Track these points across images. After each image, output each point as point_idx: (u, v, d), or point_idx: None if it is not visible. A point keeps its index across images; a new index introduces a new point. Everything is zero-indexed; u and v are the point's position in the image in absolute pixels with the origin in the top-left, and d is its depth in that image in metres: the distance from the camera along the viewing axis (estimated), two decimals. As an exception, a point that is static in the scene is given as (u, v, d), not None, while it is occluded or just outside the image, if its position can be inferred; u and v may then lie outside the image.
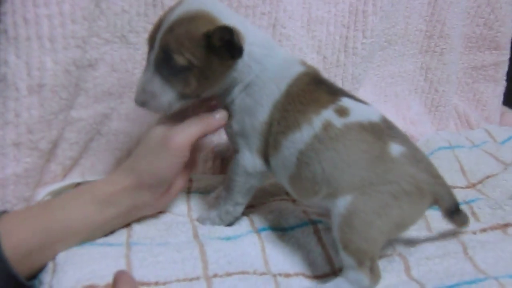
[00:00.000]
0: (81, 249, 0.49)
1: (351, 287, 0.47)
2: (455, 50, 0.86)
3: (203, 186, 0.66)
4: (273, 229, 0.57)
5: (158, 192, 0.53)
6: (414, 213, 0.49)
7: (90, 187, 0.52)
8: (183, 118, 0.53)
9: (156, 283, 0.46)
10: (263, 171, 0.54)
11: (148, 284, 0.46)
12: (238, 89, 0.53)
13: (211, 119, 0.53)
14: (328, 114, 0.50)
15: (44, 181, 0.60)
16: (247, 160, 0.54)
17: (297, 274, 0.51)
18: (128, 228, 0.54)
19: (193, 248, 0.51)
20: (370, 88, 0.83)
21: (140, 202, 0.52)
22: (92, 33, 0.59)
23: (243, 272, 0.49)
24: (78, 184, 0.62)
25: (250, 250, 0.53)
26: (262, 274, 0.50)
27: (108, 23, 0.60)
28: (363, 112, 0.51)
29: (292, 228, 0.57)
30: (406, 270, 0.52)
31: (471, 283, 0.49)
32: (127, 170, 0.52)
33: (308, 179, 0.50)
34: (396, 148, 0.49)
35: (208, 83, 0.50)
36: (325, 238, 0.54)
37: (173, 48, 0.47)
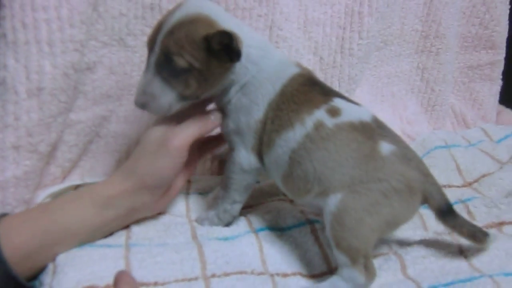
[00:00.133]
0: (81, 250, 0.49)
1: (346, 285, 0.47)
2: (451, 49, 0.86)
3: (201, 187, 0.67)
4: (270, 229, 0.57)
5: (158, 193, 0.54)
6: (405, 211, 0.49)
7: (89, 190, 0.52)
8: (179, 119, 0.54)
9: (155, 284, 0.47)
10: (258, 167, 0.55)
11: (147, 284, 0.47)
12: (234, 89, 0.54)
13: (207, 120, 0.54)
14: (320, 114, 0.51)
15: (44, 183, 0.61)
16: (242, 158, 0.54)
17: (294, 274, 0.52)
18: (127, 229, 0.54)
19: (191, 248, 0.51)
20: (367, 88, 0.83)
21: (139, 203, 0.53)
22: (90, 36, 0.59)
23: (241, 272, 0.49)
24: (78, 186, 0.63)
25: (248, 250, 0.53)
26: (260, 274, 0.50)
27: (106, 26, 0.60)
28: (354, 112, 0.52)
29: (289, 228, 0.57)
30: (402, 269, 0.52)
31: (466, 281, 0.50)
32: (126, 172, 0.53)
33: (300, 177, 0.51)
34: (386, 146, 0.49)
35: (208, 84, 0.51)
36: (322, 238, 0.55)
37: (173, 51, 0.48)
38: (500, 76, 0.93)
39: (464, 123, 0.92)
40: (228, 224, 0.58)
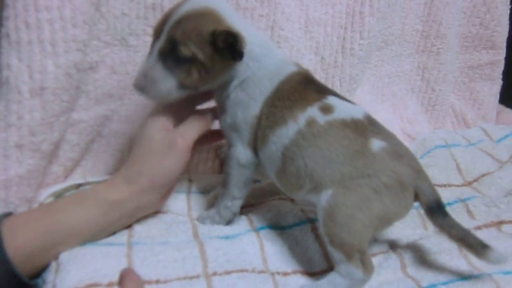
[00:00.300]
0: (83, 249, 0.50)
1: (344, 280, 0.48)
2: (451, 49, 0.86)
3: (203, 186, 0.67)
4: (271, 227, 0.58)
5: (163, 192, 0.55)
6: (396, 207, 0.49)
7: (93, 192, 0.52)
8: (175, 119, 0.55)
9: (157, 282, 0.47)
10: (255, 162, 0.56)
11: (149, 282, 0.47)
12: (234, 84, 0.55)
13: (207, 119, 0.56)
14: (312, 111, 0.52)
15: (46, 182, 0.61)
16: (239, 153, 0.55)
17: (294, 272, 0.52)
18: (129, 228, 0.55)
19: (193, 247, 0.51)
20: (368, 88, 0.83)
21: (145, 203, 0.53)
22: (92, 36, 0.59)
23: (242, 270, 0.50)
24: (80, 185, 0.63)
25: (249, 248, 0.54)
26: (261, 272, 0.50)
27: (108, 26, 0.60)
28: (347, 109, 0.52)
29: (290, 227, 0.58)
30: (402, 267, 0.53)
31: (466, 279, 0.50)
32: (133, 175, 0.53)
33: (293, 173, 0.52)
34: (377, 143, 0.50)
35: (209, 77, 0.52)
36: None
37: (179, 40, 0.49)
38: (500, 76, 0.93)
39: (464, 122, 0.92)
40: (229, 221, 0.58)
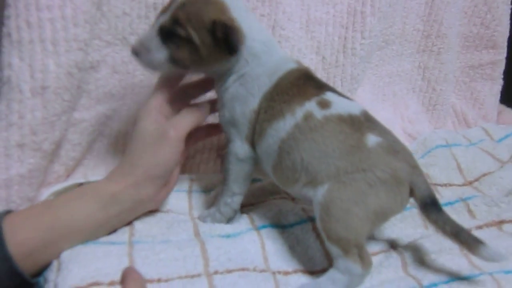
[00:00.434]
0: (85, 247, 0.50)
1: (343, 276, 0.48)
2: (452, 49, 0.86)
3: (204, 185, 0.67)
4: (272, 226, 0.58)
5: (160, 184, 0.55)
6: (392, 201, 0.49)
7: (93, 187, 0.53)
8: (168, 113, 0.56)
9: (159, 280, 0.47)
10: (253, 156, 0.56)
11: (150, 281, 0.47)
12: (232, 78, 0.55)
13: (201, 111, 0.57)
14: (310, 105, 0.52)
15: (48, 181, 0.61)
16: (238, 148, 0.56)
17: (295, 271, 0.52)
18: (131, 227, 0.55)
19: (194, 245, 0.52)
20: (369, 87, 0.83)
21: (144, 196, 0.54)
22: (93, 35, 0.59)
23: (243, 269, 0.50)
24: (81, 184, 0.63)
25: (250, 247, 0.54)
26: (262, 271, 0.50)
27: (109, 25, 0.61)
28: (344, 105, 0.53)
29: (291, 225, 0.58)
30: (403, 266, 0.53)
31: (466, 278, 0.50)
32: (128, 167, 0.54)
33: (288, 167, 0.52)
34: (372, 138, 0.50)
35: (199, 61, 0.53)
36: (323, 235, 0.56)
37: (181, 21, 0.51)
38: (501, 76, 0.93)
39: (465, 122, 0.92)
40: (229, 219, 0.59)
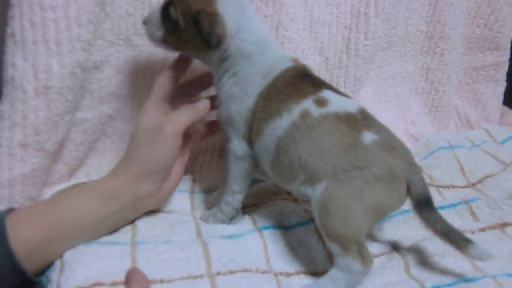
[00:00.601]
0: (87, 248, 0.50)
1: (343, 274, 0.48)
2: (455, 50, 0.86)
3: (206, 185, 0.67)
4: (275, 227, 0.58)
5: (160, 179, 0.55)
6: (389, 198, 0.49)
7: (93, 184, 0.54)
8: (168, 110, 0.57)
9: (161, 281, 0.47)
10: (251, 154, 0.57)
11: (153, 282, 0.47)
12: (226, 76, 0.56)
13: (197, 108, 0.57)
14: (307, 103, 0.52)
15: (51, 181, 0.61)
16: (235, 145, 0.56)
17: (298, 273, 0.52)
18: (133, 226, 0.55)
19: (196, 246, 0.52)
20: (371, 88, 0.83)
21: (144, 192, 0.54)
22: (97, 36, 0.59)
23: (245, 270, 0.50)
24: (84, 183, 0.63)
25: (252, 248, 0.54)
26: (264, 273, 0.50)
27: (113, 25, 0.61)
28: (341, 103, 0.53)
29: (293, 227, 0.58)
30: (406, 269, 0.53)
31: (469, 281, 0.50)
32: (126, 164, 0.54)
33: (286, 165, 0.52)
34: (368, 136, 0.50)
35: (184, 45, 0.56)
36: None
37: (174, 3, 0.54)
38: (504, 77, 0.93)
39: (468, 124, 0.91)
40: (231, 218, 0.59)
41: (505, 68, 0.92)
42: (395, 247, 0.57)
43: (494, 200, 0.65)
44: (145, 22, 0.57)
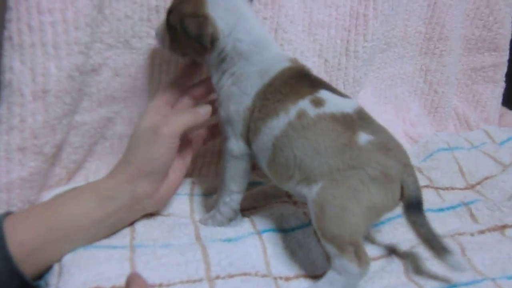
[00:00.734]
0: (86, 251, 0.50)
1: (340, 276, 0.48)
2: (454, 52, 0.86)
3: (205, 188, 0.67)
4: (274, 230, 0.58)
5: (156, 180, 0.55)
6: (384, 198, 0.49)
7: (90, 185, 0.54)
8: (169, 112, 0.57)
9: (160, 285, 0.47)
10: (248, 153, 0.57)
11: (152, 286, 0.47)
12: (225, 77, 0.57)
13: (197, 113, 0.57)
14: (303, 103, 0.53)
15: (49, 184, 0.61)
16: (233, 145, 0.57)
17: (297, 276, 0.52)
18: (132, 229, 0.55)
19: (195, 250, 0.51)
20: (370, 90, 0.83)
21: (140, 192, 0.54)
22: (95, 38, 0.59)
23: (245, 274, 0.50)
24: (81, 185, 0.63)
25: (251, 251, 0.54)
26: (264, 276, 0.50)
27: (111, 28, 0.60)
28: (338, 103, 0.53)
29: (293, 229, 0.58)
30: (405, 272, 0.53)
31: (469, 284, 0.50)
32: (123, 164, 0.55)
33: (282, 164, 0.53)
34: (364, 137, 0.50)
35: (184, 48, 0.57)
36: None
37: (172, 12, 0.57)
38: (503, 78, 0.93)
39: (467, 125, 0.92)
40: (230, 219, 0.58)
41: (504, 69, 0.92)
42: (394, 250, 0.57)
43: (493, 202, 0.65)
44: (156, 33, 0.60)
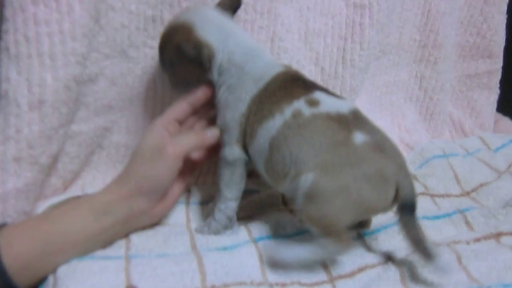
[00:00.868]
0: (81, 263, 0.49)
1: (321, 250, 0.51)
2: (449, 59, 0.87)
3: (202, 196, 0.67)
4: (270, 238, 0.58)
5: (154, 199, 0.55)
6: (375, 196, 0.50)
7: (87, 198, 0.54)
8: (172, 130, 0.57)
9: (156, 296, 0.47)
10: (242, 158, 0.57)
11: (148, 296, 0.47)
12: (222, 90, 0.58)
13: (204, 135, 0.57)
14: (298, 104, 0.54)
15: (45, 194, 0.61)
16: (227, 152, 0.57)
17: (293, 283, 0.52)
18: (127, 240, 0.55)
19: (191, 260, 0.51)
20: (365, 97, 0.84)
21: (136, 209, 0.54)
22: (92, 48, 0.59)
23: (240, 283, 0.50)
24: (79, 197, 0.63)
25: (247, 260, 0.53)
26: (260, 284, 0.50)
27: (107, 38, 0.61)
28: (332, 104, 0.54)
29: (288, 237, 0.58)
30: (402, 280, 0.53)
31: (465, 292, 0.50)
32: (123, 179, 0.54)
33: (279, 162, 0.54)
34: (360, 136, 0.51)
35: (184, 76, 0.59)
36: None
37: (161, 49, 0.59)
38: (498, 85, 0.94)
39: (462, 131, 0.92)
40: (225, 227, 0.59)
41: (498, 76, 0.93)
42: (391, 257, 0.57)
43: (488, 209, 0.65)
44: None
